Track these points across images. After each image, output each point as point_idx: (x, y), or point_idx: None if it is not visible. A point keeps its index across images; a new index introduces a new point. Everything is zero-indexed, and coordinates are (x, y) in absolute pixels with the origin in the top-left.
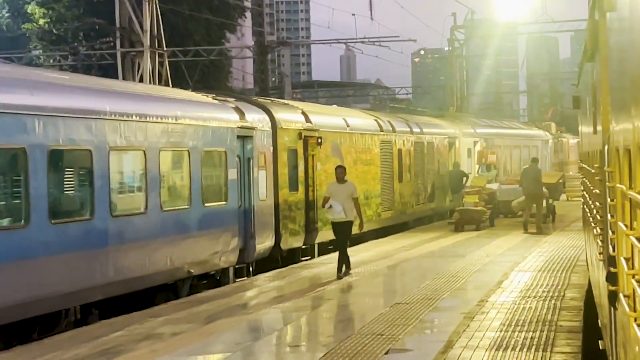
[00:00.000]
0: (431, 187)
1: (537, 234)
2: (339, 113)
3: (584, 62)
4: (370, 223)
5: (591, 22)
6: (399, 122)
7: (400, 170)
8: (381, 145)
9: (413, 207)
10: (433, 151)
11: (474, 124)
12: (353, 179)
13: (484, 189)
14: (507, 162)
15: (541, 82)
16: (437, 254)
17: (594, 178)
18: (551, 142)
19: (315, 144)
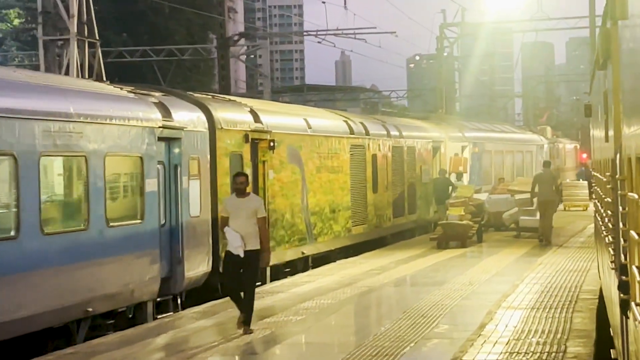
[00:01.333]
0: (412, 197)
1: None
2: (298, 112)
3: (596, 70)
4: (337, 240)
5: (603, 30)
6: (374, 124)
7: (374, 179)
8: (352, 150)
9: (391, 220)
10: (414, 157)
11: (462, 127)
12: (316, 189)
13: (470, 199)
14: (499, 168)
15: (536, 85)
16: (411, 281)
17: (606, 186)
18: (547, 147)
19: (267, 148)
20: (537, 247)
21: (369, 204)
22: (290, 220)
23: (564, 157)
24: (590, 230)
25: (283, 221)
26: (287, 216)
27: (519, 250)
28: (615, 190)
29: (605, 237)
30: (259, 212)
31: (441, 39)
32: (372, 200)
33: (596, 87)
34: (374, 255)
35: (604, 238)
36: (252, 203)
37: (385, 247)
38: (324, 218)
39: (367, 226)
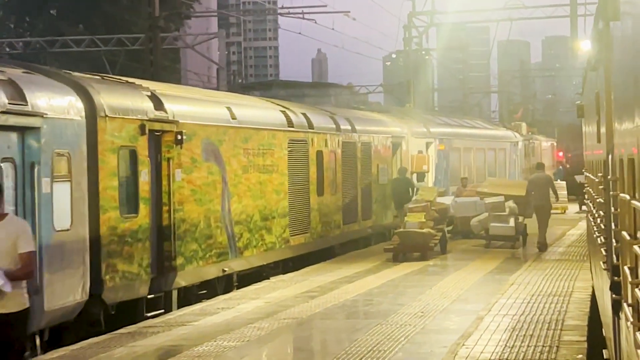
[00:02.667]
0: (367, 200)
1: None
2: (220, 99)
3: (588, 71)
4: (271, 253)
5: (595, 31)
6: (321, 116)
7: (319, 180)
8: (291, 145)
9: (340, 227)
10: (370, 154)
11: (427, 121)
12: (242, 193)
13: (433, 204)
14: (469, 167)
15: (511, 80)
16: (348, 310)
17: (598, 187)
18: (521, 144)
19: (173, 142)
20: (509, 259)
21: (312, 209)
22: (206, 232)
23: (539, 155)
24: (570, 237)
25: (195, 233)
26: (201, 226)
27: (488, 264)
28: (608, 191)
29: (598, 237)
30: (20, 245)
31: (409, 28)
32: (316, 204)
33: (588, 88)
34: (316, 271)
35: (596, 239)
36: (10, 230)
37: (332, 259)
38: (253, 227)
39: (310, 235)
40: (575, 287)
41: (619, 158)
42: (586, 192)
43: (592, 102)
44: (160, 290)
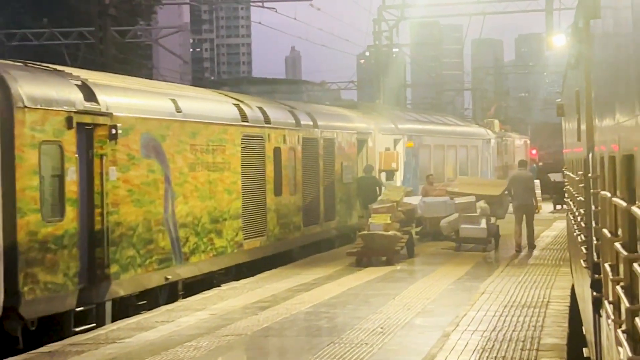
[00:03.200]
0: (330, 200)
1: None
2: (163, 90)
3: (568, 70)
4: (222, 258)
5: (575, 29)
6: (279, 110)
7: (277, 179)
8: (245, 142)
9: (300, 229)
10: (333, 151)
11: (395, 117)
12: (188, 193)
13: (399, 204)
14: (439, 165)
15: (485, 77)
16: (298, 324)
17: (578, 185)
18: (494, 141)
19: (106, 137)
20: (481, 264)
21: (269, 210)
22: (146, 236)
23: (512, 152)
24: (545, 239)
25: (133, 237)
26: (139, 230)
27: (458, 269)
28: (588, 188)
29: (578, 235)
30: None
31: (379, 22)
32: (273, 205)
33: (568, 87)
34: (272, 277)
35: (577, 237)
36: None
37: (291, 264)
38: (201, 230)
39: (266, 238)
40: (552, 296)
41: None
42: (566, 191)
43: (572, 100)
44: (91, 302)
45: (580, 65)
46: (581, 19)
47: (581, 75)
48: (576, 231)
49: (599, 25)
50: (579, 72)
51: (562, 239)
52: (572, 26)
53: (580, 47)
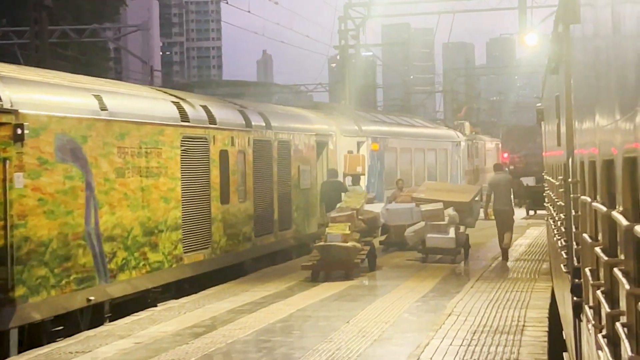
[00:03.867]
0: (286, 207)
1: None
2: (85, 85)
3: (548, 74)
4: (158, 274)
5: (555, 34)
6: (226, 110)
7: (224, 185)
8: (185, 144)
9: (251, 240)
10: (290, 155)
11: (359, 118)
12: (116, 201)
13: (360, 212)
14: (406, 170)
15: (456, 78)
16: (231, 358)
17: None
18: (464, 144)
19: (10, 138)
20: (449, 277)
21: (214, 220)
22: (62, 252)
23: (484, 156)
24: (519, 248)
25: (45, 254)
26: (54, 246)
27: (424, 284)
28: (568, 193)
29: (558, 240)
30: None
31: (344, 19)
32: (219, 214)
33: (548, 91)
34: (216, 295)
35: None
36: None
37: (241, 278)
38: (131, 244)
39: (212, 251)
40: (527, 318)
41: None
42: (546, 195)
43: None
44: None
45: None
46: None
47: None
48: (556, 236)
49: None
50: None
51: (537, 248)
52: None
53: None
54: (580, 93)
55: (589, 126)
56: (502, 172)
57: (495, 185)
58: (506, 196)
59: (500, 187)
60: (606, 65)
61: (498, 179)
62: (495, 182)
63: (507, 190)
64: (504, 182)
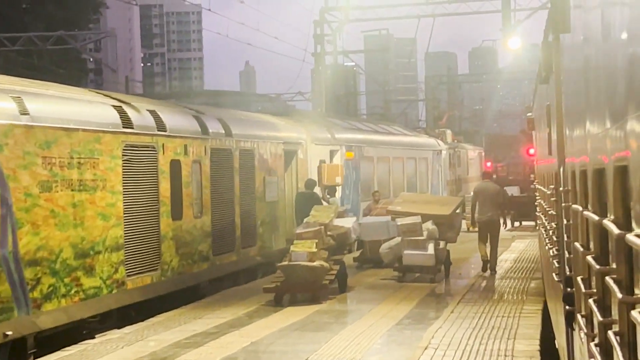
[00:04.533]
0: (250, 222)
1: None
2: (1, 84)
3: (538, 84)
4: (94, 302)
5: (545, 43)
6: (179, 115)
7: (176, 199)
8: (128, 153)
9: (209, 259)
10: (253, 165)
11: (332, 126)
12: (41, 219)
13: (329, 227)
14: (384, 180)
15: (437, 86)
16: None
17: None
18: (445, 153)
19: None
20: (428, 300)
21: (164, 237)
22: None
23: (466, 165)
24: (504, 264)
25: None
26: None
27: (399, 308)
28: (559, 202)
29: (550, 249)
30: None
31: (321, 24)
32: (170, 232)
33: (539, 101)
34: (162, 324)
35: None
36: None
37: (195, 302)
38: (61, 268)
39: (161, 273)
40: (516, 351)
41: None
42: (538, 205)
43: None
44: None
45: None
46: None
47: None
48: (548, 245)
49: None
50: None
51: (524, 264)
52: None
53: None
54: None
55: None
56: (489, 181)
57: (480, 194)
58: (494, 206)
59: (486, 195)
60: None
61: (483, 187)
62: (481, 190)
63: (494, 199)
64: (491, 191)
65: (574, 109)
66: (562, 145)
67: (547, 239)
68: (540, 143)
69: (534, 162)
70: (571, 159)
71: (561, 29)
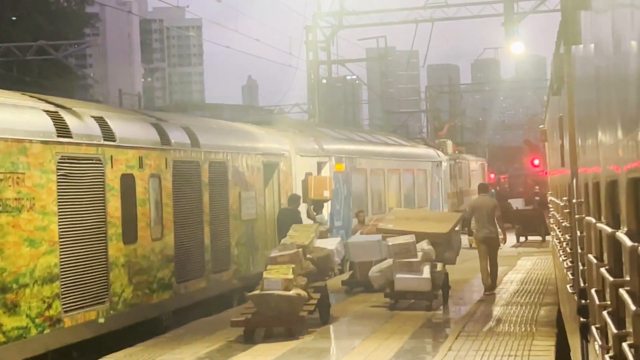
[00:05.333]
0: (222, 244)
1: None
2: None
3: (550, 96)
4: (14, 347)
5: (556, 55)
6: (132, 123)
7: (129, 219)
8: (64, 167)
9: (171, 287)
10: (226, 179)
11: (321, 136)
12: None
13: (309, 249)
14: (377, 194)
15: (439, 96)
16: None
17: (563, 210)
18: (446, 164)
19: None
20: (423, 332)
21: (114, 265)
22: None
23: (468, 176)
24: (510, 286)
25: None
26: None
27: (389, 344)
28: (573, 214)
29: (564, 261)
30: None
31: (313, 29)
32: (122, 257)
33: (551, 113)
34: None
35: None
36: None
37: (154, 338)
38: None
39: (110, 307)
40: None
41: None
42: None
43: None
44: None
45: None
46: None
47: (564, 100)
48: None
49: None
50: (562, 98)
51: (532, 285)
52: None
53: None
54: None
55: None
56: (486, 195)
57: (477, 210)
58: (490, 222)
59: (483, 211)
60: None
61: (480, 203)
62: (477, 206)
63: (491, 215)
64: (487, 205)
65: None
66: (575, 157)
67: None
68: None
69: (538, 174)
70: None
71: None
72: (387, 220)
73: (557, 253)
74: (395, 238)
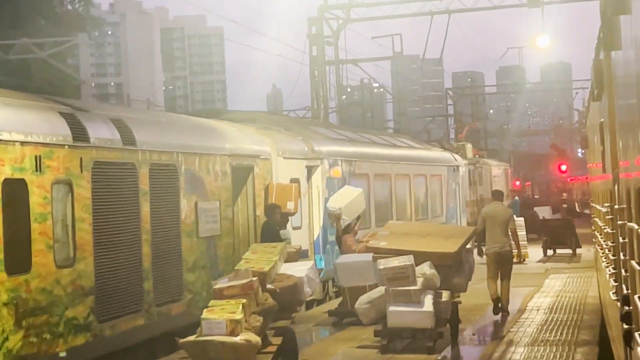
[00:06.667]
0: (172, 269)
1: None
2: None
3: (590, 102)
4: None
5: (596, 61)
6: (25, 112)
7: (16, 241)
8: None
9: (90, 329)
10: (178, 186)
11: (311, 135)
12: None
13: (269, 277)
14: (383, 203)
15: (460, 98)
16: None
17: (605, 217)
18: (464, 169)
19: None
20: None
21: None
22: None
23: (489, 183)
24: (536, 315)
25: None
26: None
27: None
28: (615, 220)
29: (607, 268)
30: None
31: (319, 23)
32: (5, 293)
33: (591, 119)
34: None
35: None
36: None
37: None
38: None
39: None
40: None
41: (625, 186)
42: (593, 223)
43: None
44: None
45: (603, 96)
46: (602, 50)
47: (604, 106)
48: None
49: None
50: (602, 104)
51: (563, 316)
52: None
53: (602, 78)
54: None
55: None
56: (500, 202)
57: (489, 219)
58: (504, 234)
59: (496, 221)
60: None
61: (492, 211)
62: (490, 215)
63: (504, 226)
64: (501, 215)
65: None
66: (616, 162)
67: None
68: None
69: (566, 180)
70: (625, 175)
71: (612, 46)
72: (380, 236)
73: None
74: (388, 260)
